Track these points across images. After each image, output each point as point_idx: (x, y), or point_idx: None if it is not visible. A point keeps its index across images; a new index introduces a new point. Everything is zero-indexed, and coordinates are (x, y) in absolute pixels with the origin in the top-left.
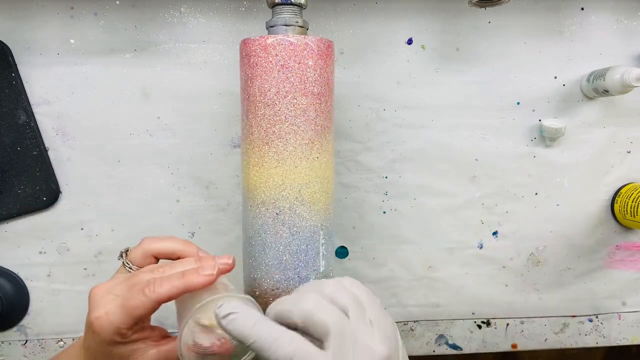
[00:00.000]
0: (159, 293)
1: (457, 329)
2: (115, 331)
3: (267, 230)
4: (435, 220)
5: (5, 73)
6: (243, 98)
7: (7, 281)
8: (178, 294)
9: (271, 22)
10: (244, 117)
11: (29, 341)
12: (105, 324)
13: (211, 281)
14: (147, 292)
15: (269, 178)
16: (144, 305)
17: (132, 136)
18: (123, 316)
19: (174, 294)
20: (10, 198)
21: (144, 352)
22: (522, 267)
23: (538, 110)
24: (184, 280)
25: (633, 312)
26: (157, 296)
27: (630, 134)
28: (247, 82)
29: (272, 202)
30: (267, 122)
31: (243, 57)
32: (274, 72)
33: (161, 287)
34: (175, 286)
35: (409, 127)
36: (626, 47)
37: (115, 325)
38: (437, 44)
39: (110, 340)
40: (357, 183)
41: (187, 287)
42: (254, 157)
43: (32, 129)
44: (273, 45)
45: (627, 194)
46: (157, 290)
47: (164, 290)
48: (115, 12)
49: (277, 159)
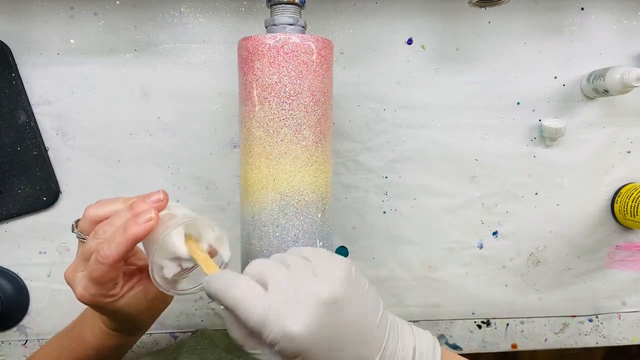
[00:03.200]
0: (111, 257)
1: (457, 329)
2: (102, 297)
3: (266, 231)
4: (435, 220)
5: (5, 73)
6: (241, 98)
7: (7, 281)
8: (128, 250)
9: (270, 21)
10: (243, 118)
11: (29, 341)
12: (90, 298)
13: (152, 226)
14: (100, 258)
15: (268, 179)
16: (106, 271)
17: (132, 136)
18: (97, 286)
19: (125, 251)
20: (10, 198)
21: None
22: (522, 267)
23: (538, 110)
24: (126, 235)
25: (633, 312)
26: (112, 259)
27: (630, 134)
28: (245, 81)
29: (270, 203)
30: (265, 123)
31: (241, 56)
32: (272, 71)
33: (110, 250)
34: (121, 243)
35: (409, 127)
36: (626, 47)
37: (98, 294)
38: (437, 44)
39: (105, 303)
40: (357, 183)
41: (133, 240)
42: (252, 158)
43: (32, 129)
44: (272, 45)
45: (627, 194)
46: (107, 254)
47: (113, 252)
48: (115, 12)
49: (276, 160)
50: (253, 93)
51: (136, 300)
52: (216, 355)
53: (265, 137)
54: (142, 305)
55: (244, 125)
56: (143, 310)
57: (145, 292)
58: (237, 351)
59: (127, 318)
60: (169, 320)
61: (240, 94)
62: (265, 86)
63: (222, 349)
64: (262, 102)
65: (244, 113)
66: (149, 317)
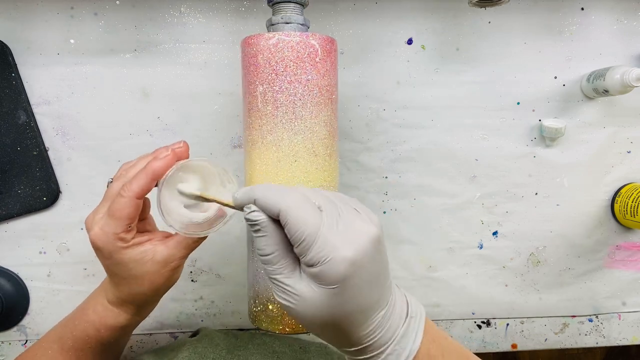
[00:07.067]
0: (133, 190)
1: (457, 329)
2: (114, 237)
3: None
4: (435, 220)
5: (5, 73)
6: (245, 97)
7: (7, 281)
8: (149, 184)
9: (273, 20)
10: (247, 117)
11: (29, 341)
12: (103, 236)
13: (170, 160)
14: (124, 192)
15: (274, 178)
16: (126, 204)
17: (132, 136)
18: (114, 222)
19: (145, 184)
20: (10, 198)
21: (154, 251)
22: (522, 267)
23: (538, 110)
24: (147, 170)
25: (633, 312)
26: (134, 192)
27: (630, 134)
28: (249, 81)
29: None
30: (271, 122)
31: (245, 55)
32: (278, 70)
33: (132, 185)
34: (142, 178)
35: (409, 127)
36: (626, 47)
37: (112, 232)
38: (437, 44)
39: (114, 248)
40: (357, 183)
41: (154, 174)
42: (257, 157)
43: (32, 129)
44: (276, 43)
45: (627, 194)
46: (131, 188)
47: (135, 185)
48: (115, 12)
49: (282, 159)
50: (257, 93)
51: (143, 257)
52: (217, 355)
53: (270, 136)
54: (147, 266)
55: (247, 126)
56: (147, 274)
57: (153, 252)
58: (238, 350)
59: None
60: (169, 320)
61: (244, 94)
62: (269, 86)
63: (223, 349)
64: (266, 102)
65: (248, 113)
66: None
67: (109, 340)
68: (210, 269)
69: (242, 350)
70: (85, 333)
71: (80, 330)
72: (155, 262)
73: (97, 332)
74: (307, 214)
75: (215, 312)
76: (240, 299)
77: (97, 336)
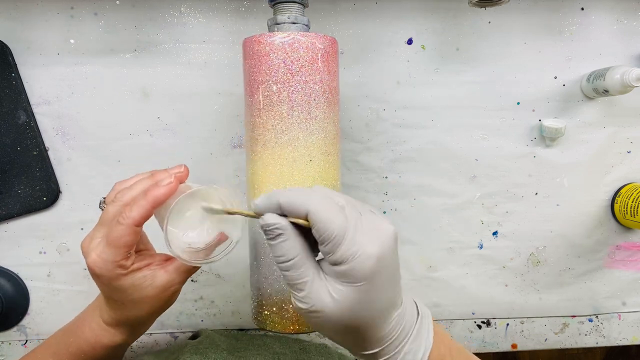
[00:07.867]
0: (132, 217)
1: (457, 328)
2: (113, 265)
3: None
4: (435, 220)
5: (5, 73)
6: (247, 97)
7: (7, 281)
8: (149, 211)
9: (278, 19)
10: (248, 117)
11: (29, 341)
12: (102, 263)
13: (173, 188)
14: (122, 220)
15: (289, 178)
16: (125, 232)
17: (132, 136)
18: (112, 250)
19: (145, 212)
20: (10, 198)
21: (153, 277)
22: (522, 267)
23: (538, 110)
24: (148, 198)
25: (633, 312)
26: (132, 220)
27: (630, 134)
28: (251, 80)
29: None
30: (273, 121)
31: (247, 55)
32: (293, 70)
33: (132, 212)
34: (142, 206)
35: (409, 127)
36: (626, 47)
37: (111, 260)
38: (437, 44)
39: (113, 275)
40: (357, 183)
41: (154, 202)
42: (270, 157)
43: (32, 129)
44: (277, 43)
45: (627, 194)
46: (130, 215)
47: (135, 213)
48: (115, 12)
49: (298, 159)
50: (258, 93)
51: (142, 282)
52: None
53: (272, 136)
54: (146, 291)
55: (256, 126)
56: (146, 299)
57: (152, 278)
58: (239, 352)
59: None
60: (169, 320)
61: (246, 94)
62: (283, 85)
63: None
64: (281, 102)
65: (258, 113)
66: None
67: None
68: (210, 269)
69: (242, 352)
70: (80, 350)
71: (76, 347)
72: (154, 287)
73: (92, 350)
74: (334, 213)
75: (215, 312)
76: (240, 299)
77: (92, 353)
